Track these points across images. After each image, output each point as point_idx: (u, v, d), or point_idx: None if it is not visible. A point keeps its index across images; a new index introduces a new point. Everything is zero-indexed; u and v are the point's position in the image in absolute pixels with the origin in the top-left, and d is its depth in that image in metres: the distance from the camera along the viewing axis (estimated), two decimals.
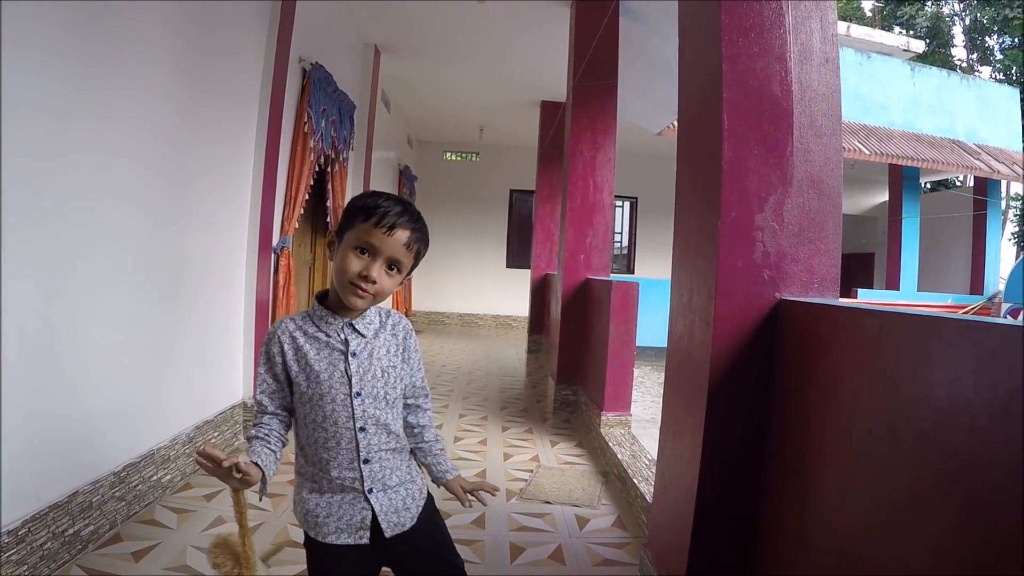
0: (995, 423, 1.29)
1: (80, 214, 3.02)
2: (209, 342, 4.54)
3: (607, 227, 6.41)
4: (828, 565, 1.87)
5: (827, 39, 2.44)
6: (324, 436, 1.71)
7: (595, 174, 6.33)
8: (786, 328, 2.24)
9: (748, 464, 2.32)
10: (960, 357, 1.42)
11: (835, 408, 1.91)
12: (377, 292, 1.68)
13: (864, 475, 1.74)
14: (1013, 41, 26.38)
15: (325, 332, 1.73)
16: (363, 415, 1.72)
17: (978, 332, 1.39)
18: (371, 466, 1.73)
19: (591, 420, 5.55)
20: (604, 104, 6.36)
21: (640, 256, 16.15)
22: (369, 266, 1.65)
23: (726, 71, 2.30)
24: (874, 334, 1.78)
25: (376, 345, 1.78)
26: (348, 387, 1.71)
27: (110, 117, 3.20)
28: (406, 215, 1.68)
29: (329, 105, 6.46)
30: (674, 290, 2.68)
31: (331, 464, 1.71)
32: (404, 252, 1.69)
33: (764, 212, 2.28)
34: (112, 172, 3.25)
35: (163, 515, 3.53)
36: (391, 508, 1.77)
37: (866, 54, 11.68)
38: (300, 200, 5.73)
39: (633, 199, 16.10)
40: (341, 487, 1.72)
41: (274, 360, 1.73)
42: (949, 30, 28.86)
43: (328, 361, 1.71)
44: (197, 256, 4.29)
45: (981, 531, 1.32)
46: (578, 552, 3.36)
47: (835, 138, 2.39)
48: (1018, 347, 1.26)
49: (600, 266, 6.36)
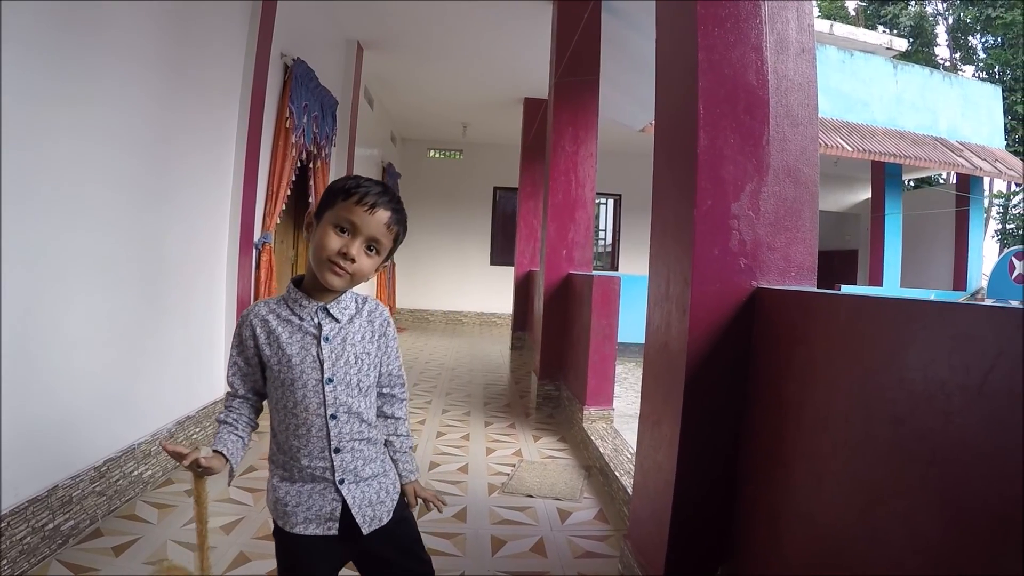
0: (969, 404, 1.30)
1: (57, 208, 2.98)
2: (190, 337, 4.51)
3: (589, 222, 6.42)
4: (806, 552, 1.87)
5: (803, 29, 2.45)
6: (295, 423, 1.68)
7: (577, 169, 6.34)
8: (762, 316, 2.25)
9: (726, 452, 2.32)
10: (934, 339, 1.43)
11: (811, 395, 1.91)
12: (355, 272, 1.66)
13: (840, 461, 1.74)
14: (996, 40, 26.57)
15: (299, 316, 1.71)
16: (334, 402, 1.69)
17: (952, 314, 1.40)
18: (342, 456, 1.70)
19: (574, 415, 5.56)
20: (586, 100, 6.37)
21: (624, 253, 16.18)
22: (349, 244, 1.63)
23: (702, 61, 2.30)
24: (849, 319, 1.79)
25: (350, 331, 1.75)
26: (320, 372, 1.68)
27: (87, 112, 3.17)
28: (387, 196, 1.68)
29: (311, 101, 6.45)
30: (652, 280, 2.69)
31: (301, 452, 1.68)
32: (384, 232, 1.68)
33: (740, 201, 2.28)
34: (89, 168, 3.21)
35: (144, 510, 3.51)
36: (365, 501, 1.74)
37: (849, 52, 11.76)
38: (282, 195, 5.71)
39: (617, 196, 16.14)
40: (311, 476, 1.69)
41: (246, 343, 1.72)
42: (932, 29, 29.04)
43: (300, 345, 1.69)
44: (177, 251, 4.27)
45: (956, 513, 1.32)
46: (560, 545, 3.35)
47: (811, 127, 2.40)
48: (991, 328, 1.27)
49: (582, 261, 6.37)
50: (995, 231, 26.17)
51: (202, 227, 4.64)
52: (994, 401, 1.24)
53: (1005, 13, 24.71)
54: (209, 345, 4.84)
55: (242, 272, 5.15)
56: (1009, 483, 1.18)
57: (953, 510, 1.33)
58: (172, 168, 4.09)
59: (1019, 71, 25.64)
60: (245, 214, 5.15)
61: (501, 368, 9.23)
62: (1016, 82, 25.36)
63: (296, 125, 5.98)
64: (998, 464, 1.22)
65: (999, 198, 26.04)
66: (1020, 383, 1.18)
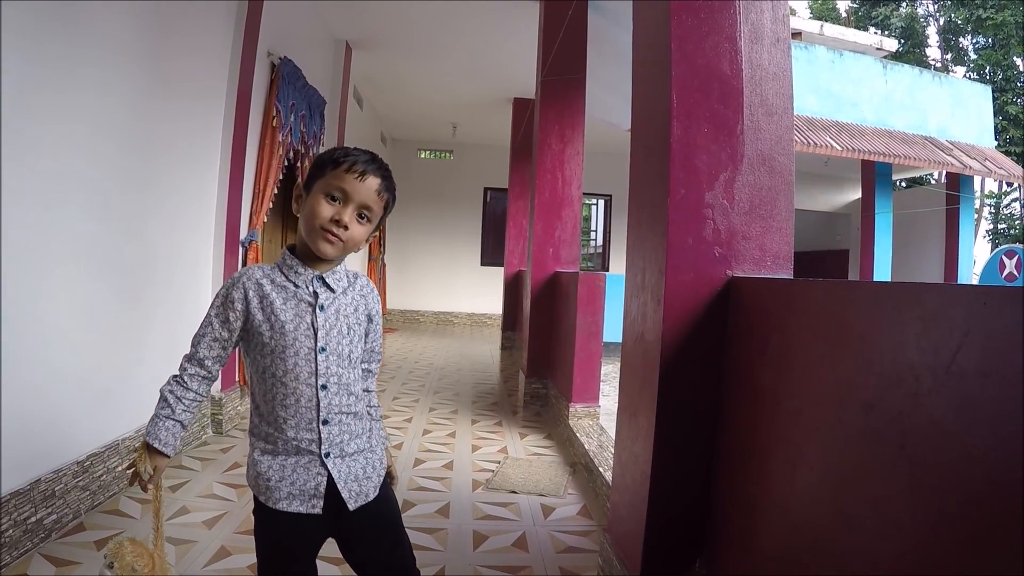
0: (937, 385, 1.29)
1: (39, 205, 2.99)
2: (175, 334, 4.48)
3: (576, 220, 6.42)
4: (782, 541, 1.87)
5: (778, 19, 2.45)
6: (283, 392, 1.66)
7: (564, 168, 6.35)
8: (737, 305, 2.24)
9: (703, 442, 2.32)
10: (903, 321, 1.42)
11: (785, 381, 1.91)
12: (348, 239, 1.66)
13: (813, 447, 1.74)
14: (987, 41, 26.64)
15: (294, 282, 1.70)
16: (326, 372, 1.68)
17: (920, 295, 1.39)
18: (330, 428, 1.68)
19: (560, 412, 5.56)
20: (572, 98, 6.37)
21: (615, 254, 16.18)
22: (340, 211, 1.64)
23: (675, 50, 2.29)
24: (822, 305, 1.79)
25: (344, 302, 1.75)
26: (313, 341, 1.67)
27: (67, 111, 3.17)
28: (376, 163, 1.69)
29: (298, 99, 6.43)
30: (629, 271, 2.68)
31: (288, 423, 1.66)
32: (375, 199, 1.68)
33: (714, 190, 2.28)
34: (71, 166, 3.22)
35: (128, 505, 3.52)
36: (351, 476, 1.72)
37: (838, 52, 11.76)
38: (269, 194, 5.70)
39: (607, 197, 16.15)
40: (296, 449, 1.67)
41: (233, 305, 1.68)
42: (923, 31, 29.12)
43: (295, 312, 1.67)
44: (162, 248, 4.26)
45: (924, 496, 1.31)
46: (542, 540, 3.35)
47: (786, 117, 2.40)
48: (958, 307, 1.27)
49: (569, 259, 6.37)
50: (987, 231, 26.26)
51: (187, 225, 4.63)
52: (962, 381, 1.23)
53: (996, 14, 24.79)
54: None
55: (228, 270, 5.13)
56: (977, 462, 1.18)
57: (923, 493, 1.32)
58: (156, 166, 4.09)
59: (1010, 72, 25.75)
60: (231, 212, 5.14)
61: (490, 367, 9.22)
62: (1007, 82, 25.47)
63: (283, 124, 5.96)
64: (966, 444, 1.21)
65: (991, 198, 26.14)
66: (987, 362, 1.18)
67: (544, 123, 6.35)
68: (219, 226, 5.08)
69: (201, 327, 1.73)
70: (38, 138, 2.97)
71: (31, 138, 2.91)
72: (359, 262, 11.35)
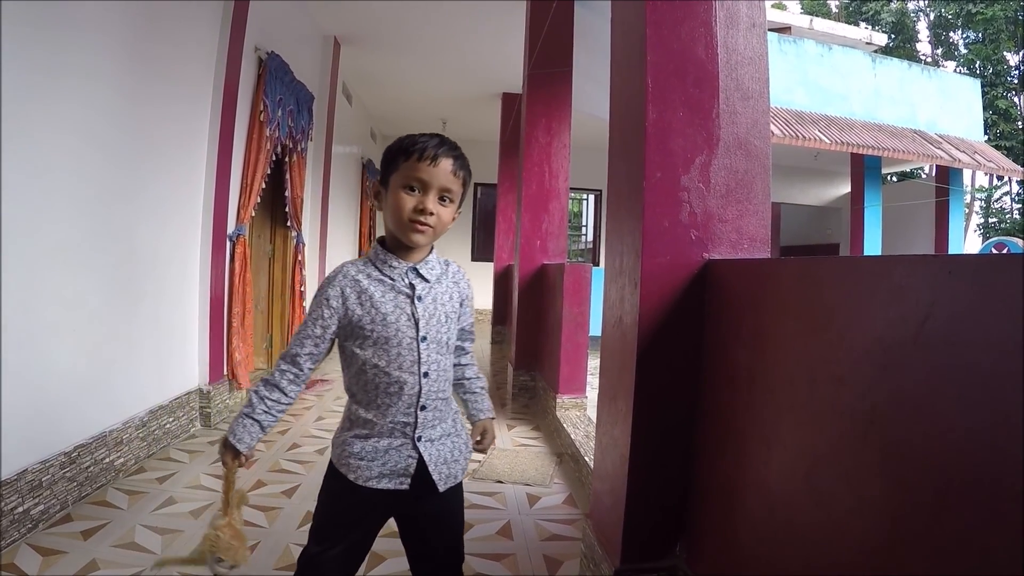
0: (905, 358, 1.30)
1: (27, 197, 3.00)
2: (163, 326, 4.50)
3: (563, 213, 6.42)
4: (759, 520, 1.87)
5: (754, 4, 2.45)
6: (387, 381, 1.72)
7: (551, 161, 6.34)
8: (714, 287, 2.25)
9: (681, 424, 2.32)
10: (872, 294, 1.43)
11: (760, 361, 1.92)
12: (436, 224, 1.71)
13: (787, 425, 1.74)
14: (977, 36, 26.75)
15: (389, 276, 1.75)
16: (428, 359, 1.74)
17: (886, 266, 1.40)
18: (426, 413, 1.75)
19: (547, 404, 5.58)
20: (559, 91, 6.37)
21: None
22: (423, 200, 1.68)
23: (650, 36, 2.30)
24: (795, 283, 1.79)
25: (439, 291, 1.81)
26: (415, 331, 1.73)
27: (54, 102, 3.18)
28: (445, 145, 1.72)
29: (286, 95, 6.42)
30: (607, 256, 2.69)
31: (390, 409, 1.73)
32: (453, 180, 1.72)
33: (690, 173, 2.28)
34: (58, 158, 3.23)
35: (115, 496, 3.55)
36: (440, 459, 1.79)
37: (827, 46, 11.79)
38: (256, 188, 5.69)
39: (598, 192, 16.13)
40: (391, 431, 1.74)
41: (328, 303, 1.72)
42: (914, 26, 29.22)
43: (394, 304, 1.72)
44: (149, 241, 4.27)
45: (894, 470, 1.32)
46: (527, 528, 3.37)
47: (762, 101, 2.41)
48: (924, 278, 1.27)
49: (556, 252, 6.37)
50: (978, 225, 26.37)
51: (174, 218, 4.64)
52: (929, 352, 1.24)
53: (985, 9, 24.92)
54: (183, 335, 4.84)
55: (216, 264, 5.14)
56: (946, 434, 1.19)
57: (892, 466, 1.33)
58: (143, 160, 4.10)
59: (999, 66, 25.85)
60: (218, 206, 5.14)
61: (481, 361, 9.07)
62: (997, 77, 25.59)
63: (270, 118, 5.95)
64: (935, 416, 1.22)
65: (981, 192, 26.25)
66: (954, 331, 1.19)
67: (531, 117, 6.35)
68: (206, 220, 5.08)
69: (298, 339, 1.77)
70: (28, 133, 2.99)
71: (21, 133, 2.93)
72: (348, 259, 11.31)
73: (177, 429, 4.59)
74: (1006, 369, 1.07)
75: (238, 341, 5.44)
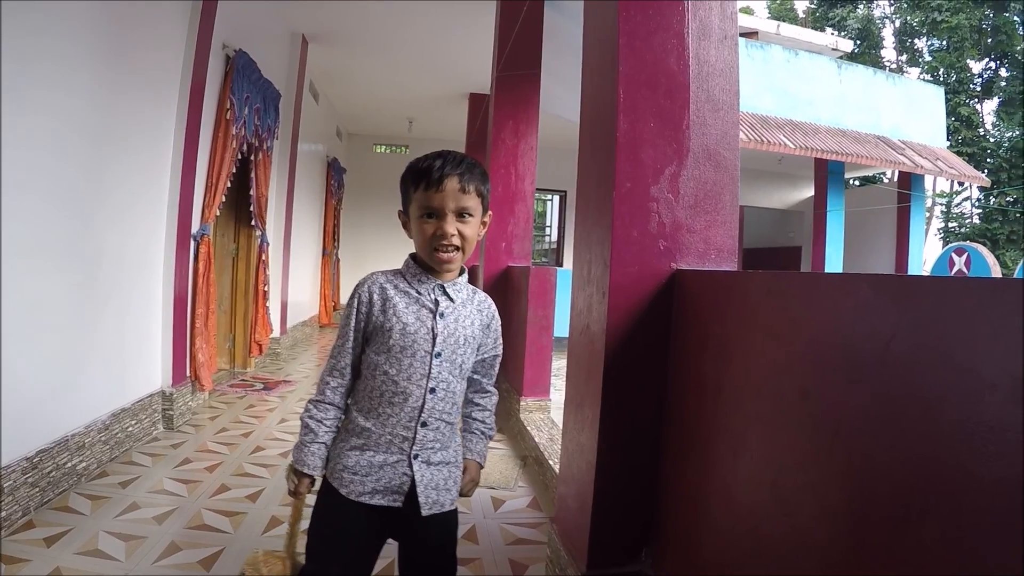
0: (870, 373, 1.33)
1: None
2: (126, 328, 4.43)
3: (528, 215, 6.44)
4: (724, 528, 1.89)
5: (726, 17, 2.48)
6: (393, 390, 1.72)
7: (517, 163, 6.35)
8: (681, 297, 2.27)
9: (648, 432, 2.34)
10: (838, 310, 1.46)
11: (727, 372, 1.94)
12: (461, 243, 1.73)
13: (754, 436, 1.77)
14: (941, 44, 27.15)
15: (416, 290, 1.77)
16: (437, 376, 1.74)
17: (853, 284, 1.43)
18: (426, 431, 1.74)
19: (511, 406, 5.58)
20: (527, 93, 6.39)
21: (569, 250, 16.14)
22: (440, 226, 1.69)
23: (623, 46, 2.31)
24: (762, 296, 1.81)
25: (463, 313, 1.81)
26: (431, 345, 1.73)
27: (17, 101, 3.10)
28: (448, 164, 1.71)
29: (253, 92, 6.36)
30: (575, 264, 2.70)
31: (391, 420, 1.72)
32: (463, 196, 1.71)
33: (660, 184, 2.30)
34: (19, 156, 3.14)
35: (77, 502, 3.49)
36: (432, 483, 1.76)
37: (794, 51, 11.90)
38: (222, 187, 5.62)
39: (562, 193, 16.17)
40: (388, 445, 1.72)
41: (359, 310, 1.76)
42: (879, 32, 29.60)
43: (416, 316, 1.74)
44: (113, 241, 4.19)
45: (858, 482, 1.35)
46: (492, 532, 3.38)
47: (732, 112, 2.43)
48: (891, 297, 1.31)
49: (521, 254, 6.38)
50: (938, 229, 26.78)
51: (138, 219, 4.56)
52: (894, 369, 1.27)
53: (951, 17, 25.31)
54: (146, 336, 4.76)
55: (180, 264, 5.07)
56: (910, 448, 1.21)
57: (856, 478, 1.36)
58: (105, 160, 4.02)
59: (963, 74, 26.27)
60: (183, 205, 5.07)
61: None
62: (960, 84, 26.00)
63: (237, 116, 5.88)
64: (898, 431, 1.25)
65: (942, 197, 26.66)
66: (919, 350, 1.22)
67: (498, 118, 6.35)
68: (171, 220, 5.00)
69: (339, 354, 1.80)
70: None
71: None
72: (312, 258, 11.25)
73: (139, 432, 4.51)
74: (967, 388, 1.10)
75: (201, 342, 5.36)
